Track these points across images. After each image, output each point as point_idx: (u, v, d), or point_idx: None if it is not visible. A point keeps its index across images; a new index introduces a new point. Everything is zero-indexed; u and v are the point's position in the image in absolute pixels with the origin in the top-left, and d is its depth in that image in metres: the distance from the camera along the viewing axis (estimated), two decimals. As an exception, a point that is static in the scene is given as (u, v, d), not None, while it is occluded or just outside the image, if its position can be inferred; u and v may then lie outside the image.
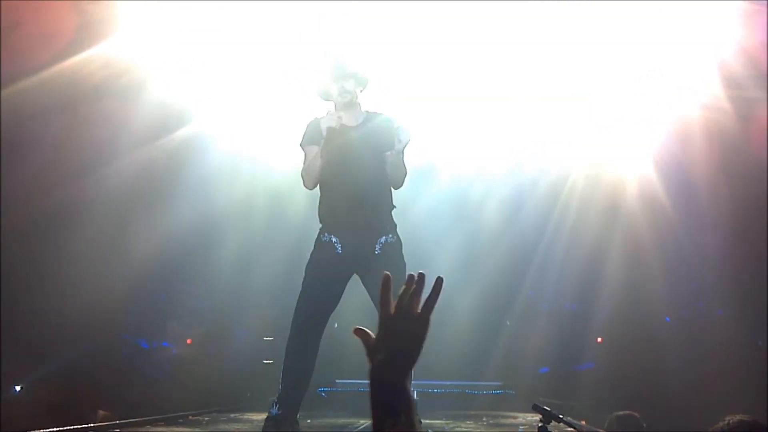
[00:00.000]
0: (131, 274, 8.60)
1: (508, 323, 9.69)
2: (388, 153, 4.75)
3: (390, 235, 4.85)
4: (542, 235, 9.81)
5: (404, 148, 4.73)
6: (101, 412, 6.76)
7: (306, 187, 4.93)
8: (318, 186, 4.98)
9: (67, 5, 7.20)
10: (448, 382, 8.88)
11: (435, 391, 8.76)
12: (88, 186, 8.08)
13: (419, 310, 1.77)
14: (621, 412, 4.58)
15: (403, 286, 1.78)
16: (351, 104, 4.95)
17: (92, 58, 7.48)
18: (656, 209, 9.41)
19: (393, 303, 1.77)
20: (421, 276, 1.79)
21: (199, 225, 9.55)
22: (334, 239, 4.82)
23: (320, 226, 4.94)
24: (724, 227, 9.23)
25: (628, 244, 9.44)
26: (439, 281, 1.81)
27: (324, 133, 4.83)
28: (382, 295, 1.77)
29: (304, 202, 9.03)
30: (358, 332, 1.77)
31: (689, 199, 9.35)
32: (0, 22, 6.78)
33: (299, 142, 4.98)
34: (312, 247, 4.93)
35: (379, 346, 1.73)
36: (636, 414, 4.50)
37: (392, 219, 4.94)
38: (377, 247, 4.79)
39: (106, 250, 8.33)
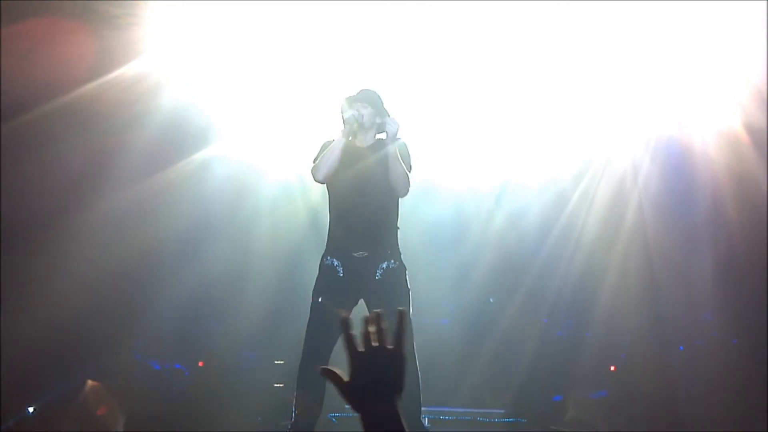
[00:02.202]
0: (144, 296, 8.64)
1: (491, 300, 9.65)
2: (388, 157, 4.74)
3: (392, 261, 4.81)
4: (556, 261, 9.78)
5: (395, 143, 4.72)
6: (89, 382, 6.78)
7: (315, 178, 4.87)
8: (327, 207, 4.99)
9: (85, 30, 7.29)
10: (459, 410, 8.81)
11: (446, 418, 8.69)
12: (103, 208, 8.15)
13: (391, 346, 1.64)
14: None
15: (370, 324, 1.65)
16: (363, 129, 4.95)
17: (110, 83, 7.58)
18: (671, 238, 9.37)
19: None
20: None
21: (209, 246, 9.59)
22: (336, 262, 4.80)
23: (324, 248, 4.93)
24: (740, 255, 9.18)
25: (642, 272, 9.39)
26: (401, 315, 1.68)
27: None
28: (344, 334, 1.64)
29: (317, 224, 9.07)
30: (327, 373, 1.64)
31: (706, 227, 9.32)
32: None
33: (313, 158, 4.98)
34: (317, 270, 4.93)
35: (354, 386, 1.62)
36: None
37: (397, 245, 4.91)
38: (378, 272, 4.76)
39: (119, 271, 8.36)
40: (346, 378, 1.62)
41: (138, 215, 8.64)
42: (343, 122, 4.92)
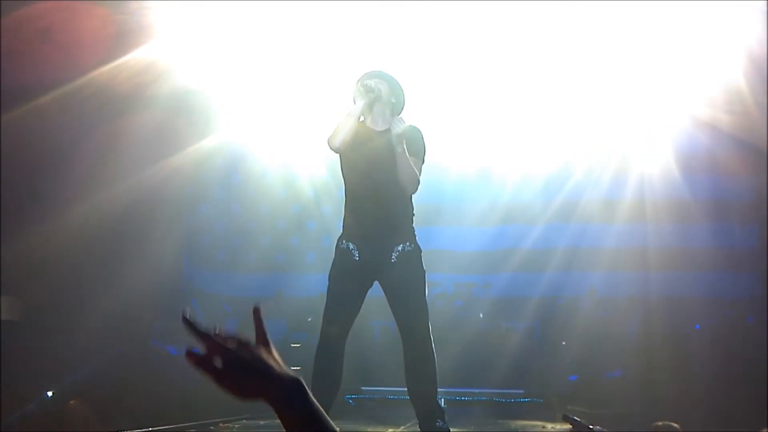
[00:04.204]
0: (162, 280, 8.69)
1: (481, 315, 9.64)
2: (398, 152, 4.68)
3: (407, 243, 4.80)
4: (571, 241, 9.78)
5: (419, 161, 4.69)
6: (71, 402, 6.83)
7: (331, 146, 4.73)
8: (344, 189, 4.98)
9: (99, 14, 7.29)
10: (475, 390, 8.85)
11: (463, 398, 8.73)
12: (121, 192, 8.18)
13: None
14: (661, 423, 4.52)
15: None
16: (380, 102, 4.90)
17: (122, 67, 7.58)
18: (686, 215, 9.36)
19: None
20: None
21: (225, 229, 9.62)
22: (351, 246, 4.79)
23: (341, 232, 4.92)
24: (753, 231, 9.17)
25: (656, 251, 9.38)
26: (255, 312, 1.57)
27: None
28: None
29: (332, 208, 9.10)
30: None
31: (719, 204, 9.31)
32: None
33: (327, 139, 4.89)
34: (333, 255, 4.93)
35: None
36: (675, 424, 4.44)
37: (411, 227, 4.89)
38: (393, 255, 4.74)
39: (137, 256, 8.41)
40: None
41: (154, 201, 8.67)
42: (358, 95, 4.86)
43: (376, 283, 4.92)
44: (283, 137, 9.37)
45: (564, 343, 9.16)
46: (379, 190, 4.76)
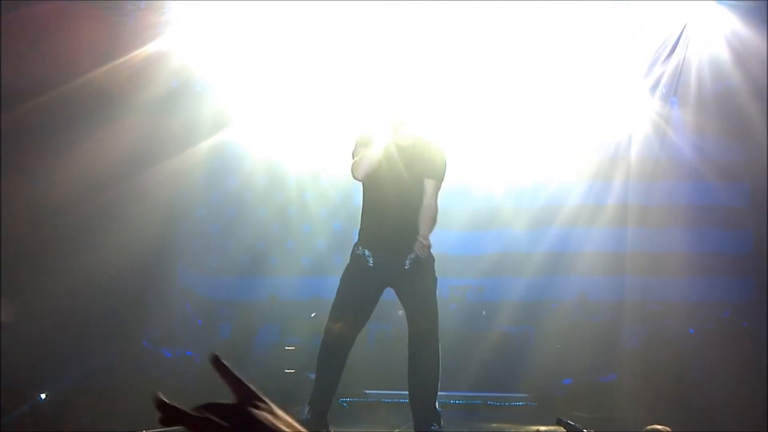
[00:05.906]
0: (155, 282, 8.66)
1: (484, 312, 9.65)
2: (427, 182, 4.87)
3: None
4: (565, 245, 9.78)
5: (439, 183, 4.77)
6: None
7: (355, 176, 4.92)
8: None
9: (96, 16, 7.30)
10: (470, 394, 8.83)
11: (457, 402, 8.72)
12: (116, 194, 8.16)
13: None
14: (653, 427, 4.51)
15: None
16: (403, 125, 4.99)
17: (121, 68, 7.59)
18: (680, 218, 9.37)
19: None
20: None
21: (219, 232, 9.61)
22: (366, 253, 4.93)
23: (357, 239, 5.02)
24: (748, 234, 9.19)
25: (651, 254, 9.39)
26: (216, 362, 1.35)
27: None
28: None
29: (335, 207, 9.10)
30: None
31: (712, 210, 9.33)
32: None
33: (351, 153, 4.99)
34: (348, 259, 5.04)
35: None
36: (668, 429, 4.44)
37: None
38: (407, 262, 4.87)
39: (131, 258, 8.39)
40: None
41: (150, 204, 8.65)
42: (386, 122, 4.97)
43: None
44: (279, 139, 9.34)
45: (558, 346, 9.17)
46: (398, 203, 4.91)
